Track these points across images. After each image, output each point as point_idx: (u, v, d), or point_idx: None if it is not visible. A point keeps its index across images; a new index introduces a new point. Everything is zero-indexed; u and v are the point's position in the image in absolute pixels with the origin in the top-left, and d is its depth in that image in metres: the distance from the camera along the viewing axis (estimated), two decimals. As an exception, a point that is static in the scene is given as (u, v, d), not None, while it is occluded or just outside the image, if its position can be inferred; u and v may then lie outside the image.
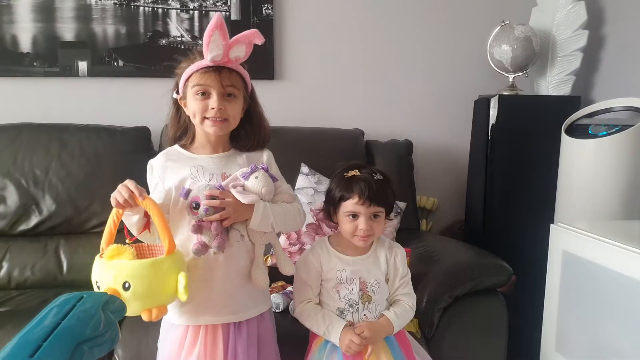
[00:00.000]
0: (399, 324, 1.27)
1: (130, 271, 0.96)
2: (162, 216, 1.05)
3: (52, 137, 1.94)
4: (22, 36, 2.09)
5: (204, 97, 1.14)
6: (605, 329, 1.34)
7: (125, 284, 0.94)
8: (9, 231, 1.89)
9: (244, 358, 1.15)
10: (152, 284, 0.99)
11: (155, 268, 1.00)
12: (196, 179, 1.17)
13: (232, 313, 1.17)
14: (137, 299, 0.96)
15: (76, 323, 0.59)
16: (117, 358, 1.43)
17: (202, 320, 1.15)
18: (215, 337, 1.15)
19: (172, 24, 2.16)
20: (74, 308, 0.62)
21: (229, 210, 1.11)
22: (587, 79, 2.25)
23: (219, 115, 1.14)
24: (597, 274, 1.35)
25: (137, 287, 0.96)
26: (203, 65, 1.12)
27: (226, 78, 1.14)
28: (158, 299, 1.01)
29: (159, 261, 1.02)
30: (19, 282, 1.83)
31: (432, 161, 2.40)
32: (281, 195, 1.24)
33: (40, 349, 0.53)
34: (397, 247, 1.35)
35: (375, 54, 2.34)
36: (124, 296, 0.94)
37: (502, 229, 2.10)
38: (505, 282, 1.59)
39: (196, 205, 1.11)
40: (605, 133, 1.72)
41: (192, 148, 1.23)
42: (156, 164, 1.22)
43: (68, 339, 0.56)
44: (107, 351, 0.61)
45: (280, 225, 1.20)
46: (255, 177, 1.14)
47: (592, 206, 1.69)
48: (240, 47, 1.13)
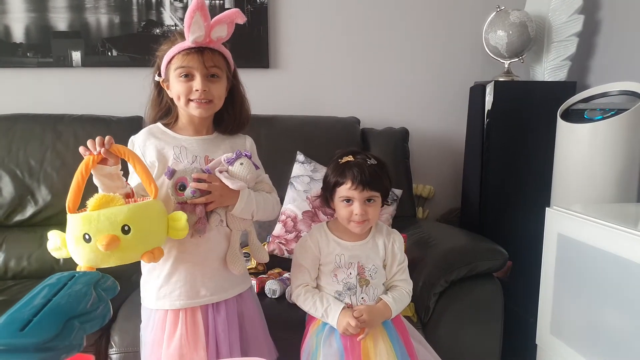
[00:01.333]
0: (396, 309, 1.28)
1: (128, 214, 0.95)
2: (142, 163, 1.05)
3: (46, 127, 1.94)
4: (15, 26, 2.07)
5: (188, 79, 1.13)
6: (600, 311, 1.34)
7: (125, 227, 0.93)
8: (5, 222, 1.89)
9: (225, 337, 1.17)
10: (151, 224, 0.99)
11: (150, 208, 1.01)
12: (179, 159, 1.17)
13: (209, 295, 1.18)
14: (139, 241, 0.96)
15: (67, 300, 0.59)
16: (114, 344, 1.44)
17: (179, 303, 1.16)
18: (195, 318, 1.16)
19: (166, 12, 2.15)
20: (65, 286, 0.63)
21: (215, 194, 1.11)
22: (583, 64, 2.25)
23: (204, 97, 1.13)
24: (592, 256, 1.36)
25: (139, 228, 0.95)
26: (185, 47, 1.12)
27: (209, 59, 1.13)
28: (156, 239, 1.02)
29: (151, 203, 1.02)
30: (15, 272, 1.84)
31: (428, 149, 2.40)
32: (262, 184, 1.26)
33: (30, 324, 0.53)
34: (395, 234, 1.36)
35: (370, 42, 2.33)
36: (125, 241, 0.93)
37: (499, 215, 2.11)
38: (500, 267, 1.59)
39: (182, 186, 1.11)
40: (601, 117, 1.72)
41: (175, 128, 1.23)
42: (138, 140, 1.21)
43: (58, 314, 0.56)
44: (99, 327, 0.61)
45: (260, 214, 1.21)
46: (240, 164, 1.14)
47: (588, 190, 1.69)
48: (222, 27, 1.13)
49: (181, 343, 1.14)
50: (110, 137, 1.05)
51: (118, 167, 1.09)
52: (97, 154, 1.03)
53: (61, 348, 0.53)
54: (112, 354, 1.44)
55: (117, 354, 1.44)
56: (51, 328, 0.53)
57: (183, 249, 1.16)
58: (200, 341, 1.15)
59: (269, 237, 1.86)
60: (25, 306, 0.59)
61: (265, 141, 1.77)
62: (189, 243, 1.15)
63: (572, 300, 1.45)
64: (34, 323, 0.53)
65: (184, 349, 1.14)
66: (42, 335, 0.52)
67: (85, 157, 1.04)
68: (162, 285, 1.17)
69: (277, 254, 1.82)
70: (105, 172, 1.07)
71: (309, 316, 1.32)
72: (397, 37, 2.35)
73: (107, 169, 1.07)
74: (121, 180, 1.12)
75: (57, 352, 0.53)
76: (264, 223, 1.85)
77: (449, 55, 2.38)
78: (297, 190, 1.89)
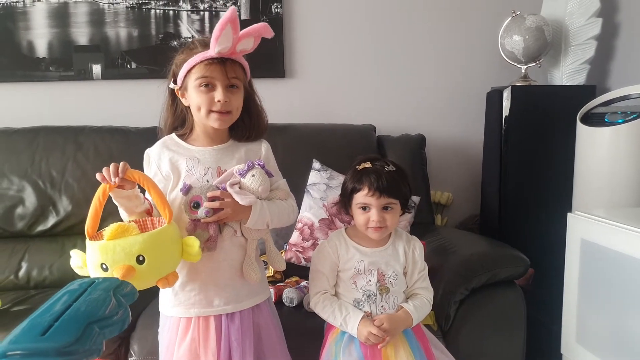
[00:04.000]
0: (417, 317, 1.26)
1: (142, 244, 0.97)
2: (157, 188, 1.06)
3: (67, 139, 1.97)
4: (38, 42, 2.13)
5: (208, 89, 1.13)
6: (627, 318, 1.31)
7: (139, 258, 0.96)
8: (28, 232, 1.92)
9: (237, 346, 1.15)
10: (165, 252, 1.01)
11: (163, 237, 1.02)
12: (191, 172, 1.17)
13: (223, 305, 1.17)
14: (153, 270, 0.98)
15: (87, 305, 0.60)
16: (133, 353, 1.45)
17: (192, 312, 1.16)
18: (207, 327, 1.16)
19: (183, 25, 2.19)
20: (85, 292, 0.63)
21: (227, 211, 1.11)
22: (602, 68, 2.21)
23: (224, 108, 1.13)
24: (617, 261, 1.32)
25: (152, 258, 0.97)
26: (208, 57, 1.11)
27: (231, 70, 1.13)
28: (170, 265, 1.03)
29: (165, 230, 1.03)
30: (37, 281, 1.86)
31: (446, 155, 2.38)
32: (277, 191, 1.24)
33: (51, 329, 0.54)
34: (415, 241, 1.35)
35: (385, 49, 2.33)
36: (140, 270, 0.95)
37: (519, 221, 2.07)
38: (522, 274, 1.56)
39: (196, 204, 1.11)
40: (622, 121, 1.68)
41: (189, 139, 1.23)
42: (153, 153, 1.22)
43: (78, 319, 0.56)
44: (118, 332, 0.62)
45: (275, 223, 1.20)
46: (252, 175, 1.14)
47: (610, 194, 1.66)
48: (249, 41, 1.13)
49: (191, 347, 1.14)
50: (124, 164, 1.06)
51: (135, 189, 1.11)
52: (112, 184, 1.05)
53: (81, 352, 0.54)
54: (132, 362, 1.45)
55: (137, 362, 1.44)
56: (71, 333, 0.54)
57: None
58: (210, 347, 1.14)
59: (286, 245, 1.86)
60: (46, 312, 0.59)
61: (282, 149, 1.76)
62: (203, 254, 1.14)
63: (598, 307, 1.41)
64: (54, 328, 0.54)
65: (193, 352, 1.14)
66: (62, 340, 0.53)
67: (102, 184, 1.07)
68: (177, 293, 1.18)
69: (294, 262, 1.82)
70: (123, 195, 1.10)
71: (328, 324, 1.31)
72: (412, 43, 2.34)
73: (124, 193, 1.09)
74: (139, 198, 1.14)
75: (78, 356, 0.53)
76: (281, 231, 1.85)
77: (465, 61, 2.36)
78: (314, 197, 1.89)
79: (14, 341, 0.52)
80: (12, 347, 0.52)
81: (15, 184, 1.90)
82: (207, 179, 1.16)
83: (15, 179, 1.91)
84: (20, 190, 1.91)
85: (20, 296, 1.72)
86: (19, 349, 0.51)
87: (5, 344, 0.52)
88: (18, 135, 1.96)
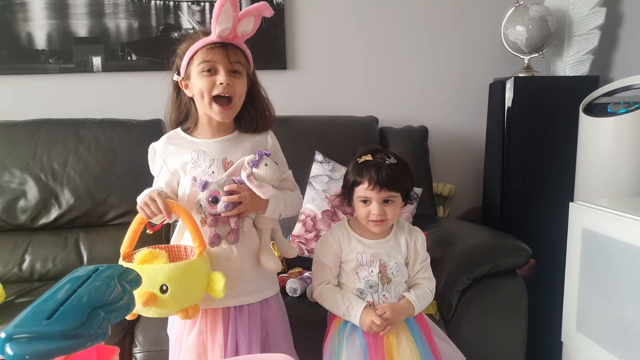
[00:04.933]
0: (419, 306, 1.27)
1: (167, 274, 0.99)
2: (191, 218, 1.08)
3: (69, 132, 1.97)
4: (37, 34, 2.12)
5: (211, 74, 1.13)
6: (628, 306, 1.31)
7: (162, 287, 0.98)
8: (30, 225, 1.92)
9: (244, 340, 1.16)
10: (188, 285, 1.03)
11: (189, 270, 1.04)
12: (197, 164, 1.17)
13: (232, 297, 1.16)
14: (174, 301, 1.00)
15: (91, 291, 0.60)
16: (138, 344, 1.46)
17: (201, 304, 1.15)
18: (215, 319, 1.16)
19: (184, 16, 2.18)
20: (89, 279, 0.64)
21: (246, 203, 1.11)
22: (606, 58, 2.20)
23: (227, 91, 1.13)
24: (618, 250, 1.32)
25: (175, 289, 0.99)
26: (209, 41, 1.11)
27: (233, 54, 1.13)
28: (192, 298, 1.05)
29: (192, 263, 1.05)
30: (41, 274, 1.86)
31: (448, 147, 2.38)
32: (285, 182, 1.24)
33: (56, 313, 0.54)
34: (417, 231, 1.35)
35: (387, 40, 2.32)
36: (162, 299, 0.98)
37: (521, 213, 2.07)
38: (524, 263, 1.56)
39: (214, 199, 1.11)
40: (625, 111, 1.68)
41: (194, 132, 1.23)
42: (159, 148, 1.22)
43: (83, 304, 0.57)
44: (123, 317, 0.62)
45: (286, 213, 1.21)
46: (265, 165, 1.14)
47: (613, 184, 1.65)
48: (249, 21, 1.12)
49: (199, 339, 1.15)
50: (165, 203, 1.07)
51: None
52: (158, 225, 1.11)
53: (86, 336, 0.54)
54: (137, 352, 1.45)
55: (141, 352, 1.45)
56: (76, 317, 0.54)
57: (208, 252, 1.15)
58: (217, 340, 1.15)
59: (289, 237, 1.86)
60: (51, 298, 0.60)
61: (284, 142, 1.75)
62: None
63: (599, 295, 1.41)
64: (59, 312, 0.54)
65: (201, 344, 1.15)
66: (67, 324, 0.53)
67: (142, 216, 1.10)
68: None
69: (297, 253, 1.82)
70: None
71: (331, 314, 1.32)
72: (414, 35, 2.33)
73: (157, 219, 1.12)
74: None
75: (83, 340, 0.53)
76: (284, 223, 1.84)
77: (468, 51, 2.35)
78: (316, 189, 1.89)
79: (19, 325, 0.53)
80: (17, 330, 0.52)
81: (17, 177, 1.90)
82: (213, 170, 1.16)
83: (17, 172, 1.90)
84: (22, 183, 1.90)
85: (24, 288, 1.73)
86: (24, 332, 0.52)
87: (11, 327, 0.52)
88: (19, 128, 1.96)
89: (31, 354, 0.51)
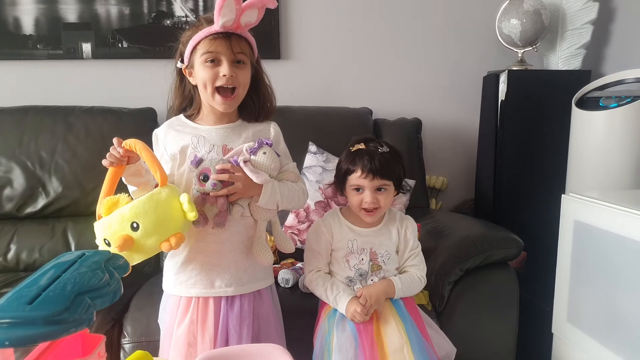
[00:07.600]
0: (401, 287, 1.26)
1: (132, 211, 0.97)
2: (149, 151, 1.05)
3: (57, 119, 1.93)
4: (25, 18, 2.07)
5: (214, 65, 1.11)
6: (618, 297, 1.31)
7: (133, 225, 0.95)
8: (17, 214, 1.89)
9: (235, 333, 1.14)
10: (159, 215, 0.99)
11: (154, 200, 1.00)
12: (196, 149, 1.16)
13: (224, 287, 1.15)
14: (150, 235, 0.97)
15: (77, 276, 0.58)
16: (127, 334, 1.43)
17: (193, 292, 1.15)
18: (206, 309, 1.15)
19: (176, 4, 2.14)
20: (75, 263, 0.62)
21: (237, 185, 1.09)
22: (598, 53, 2.20)
23: (230, 82, 1.11)
24: (609, 242, 1.33)
25: (146, 223, 0.96)
26: (212, 32, 1.09)
27: (236, 44, 1.11)
28: (170, 227, 1.01)
29: (155, 193, 1.02)
30: (27, 263, 1.84)
31: (441, 140, 2.37)
32: (286, 173, 1.23)
33: (38, 298, 0.52)
34: (408, 220, 1.35)
35: (382, 32, 2.31)
36: (137, 237, 0.94)
37: (513, 206, 2.07)
38: (515, 255, 1.56)
39: (205, 177, 1.09)
40: (616, 105, 1.69)
41: (197, 119, 1.22)
42: (160, 133, 1.22)
43: (68, 289, 0.55)
44: (109, 303, 0.60)
45: (285, 204, 1.19)
46: (263, 153, 1.13)
47: (604, 177, 1.66)
48: (253, 12, 1.10)
49: (189, 329, 1.14)
50: (117, 139, 1.05)
51: (140, 161, 1.10)
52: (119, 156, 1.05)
53: (70, 321, 0.52)
54: (125, 343, 1.43)
55: (130, 343, 1.43)
56: (60, 302, 0.52)
57: (200, 238, 1.15)
58: (207, 331, 1.14)
59: (282, 228, 1.85)
60: (34, 283, 0.58)
61: (277, 131, 1.76)
62: (206, 232, 1.13)
63: (589, 287, 1.42)
64: (42, 297, 0.53)
65: (191, 335, 1.14)
66: (50, 309, 0.51)
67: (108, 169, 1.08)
68: (178, 272, 1.17)
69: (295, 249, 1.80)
70: (131, 172, 1.10)
71: (321, 301, 1.31)
72: (409, 26, 2.32)
73: (132, 168, 1.09)
74: (149, 173, 1.13)
75: (67, 325, 0.52)
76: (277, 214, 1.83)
77: (462, 44, 2.35)
78: (310, 180, 1.88)
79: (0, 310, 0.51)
80: (-2, 315, 0.50)
81: (2, 164, 1.86)
82: (213, 156, 1.15)
83: (3, 159, 1.86)
84: (8, 171, 1.86)
85: (9, 278, 1.70)
86: (6, 317, 0.50)
87: (-9, 313, 0.51)
88: (5, 114, 1.91)
89: (12, 340, 0.49)
